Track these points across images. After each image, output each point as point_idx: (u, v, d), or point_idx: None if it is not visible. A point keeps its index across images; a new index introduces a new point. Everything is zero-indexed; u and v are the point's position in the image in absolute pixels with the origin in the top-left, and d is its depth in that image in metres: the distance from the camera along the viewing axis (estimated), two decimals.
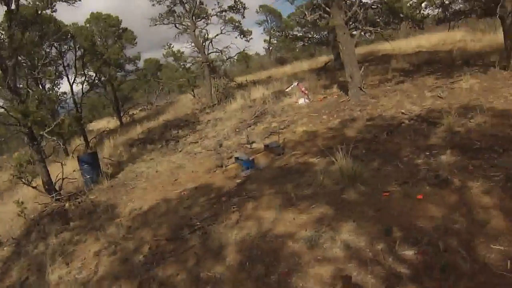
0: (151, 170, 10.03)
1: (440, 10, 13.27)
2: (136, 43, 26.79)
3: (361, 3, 12.35)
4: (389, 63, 15.18)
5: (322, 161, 6.83)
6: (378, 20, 13.70)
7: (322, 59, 24.19)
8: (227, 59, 27.62)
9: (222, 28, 26.76)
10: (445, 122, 7.03)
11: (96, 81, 21.34)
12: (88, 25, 23.95)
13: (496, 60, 10.53)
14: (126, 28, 26.56)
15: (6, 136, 12.38)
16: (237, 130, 11.90)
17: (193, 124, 15.27)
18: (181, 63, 28.30)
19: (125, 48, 25.22)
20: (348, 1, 14.73)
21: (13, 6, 8.32)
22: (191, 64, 27.02)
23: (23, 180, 8.22)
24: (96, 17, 25.01)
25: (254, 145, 9.67)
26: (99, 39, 23.70)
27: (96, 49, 21.04)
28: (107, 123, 24.81)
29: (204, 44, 25.59)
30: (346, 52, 11.44)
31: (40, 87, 18.00)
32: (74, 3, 13.08)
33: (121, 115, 23.96)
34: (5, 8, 8.25)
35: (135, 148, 13.70)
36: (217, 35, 26.62)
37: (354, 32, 13.45)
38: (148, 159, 11.52)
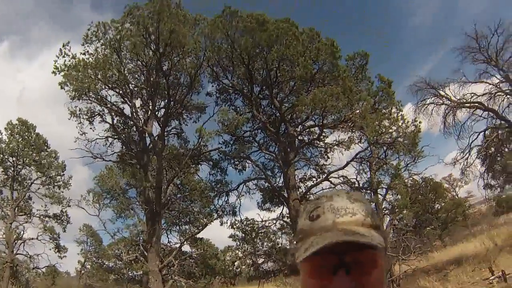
0: None
1: (251, 269, 16.52)
2: None
3: (180, 252, 15.34)
4: None
5: None
6: (195, 270, 16.50)
7: None
8: (33, 268, 25.65)
9: (39, 234, 25.86)
10: None
11: None
12: None
13: None
14: None
15: None
16: None
17: None
18: None
19: None
20: (167, 249, 17.49)
21: None
22: None
23: None
24: None
25: None
26: None
27: None
28: None
29: (15, 242, 23.87)
30: None
31: None
32: None
33: None
34: None
35: None
36: (32, 238, 25.34)
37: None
38: None
